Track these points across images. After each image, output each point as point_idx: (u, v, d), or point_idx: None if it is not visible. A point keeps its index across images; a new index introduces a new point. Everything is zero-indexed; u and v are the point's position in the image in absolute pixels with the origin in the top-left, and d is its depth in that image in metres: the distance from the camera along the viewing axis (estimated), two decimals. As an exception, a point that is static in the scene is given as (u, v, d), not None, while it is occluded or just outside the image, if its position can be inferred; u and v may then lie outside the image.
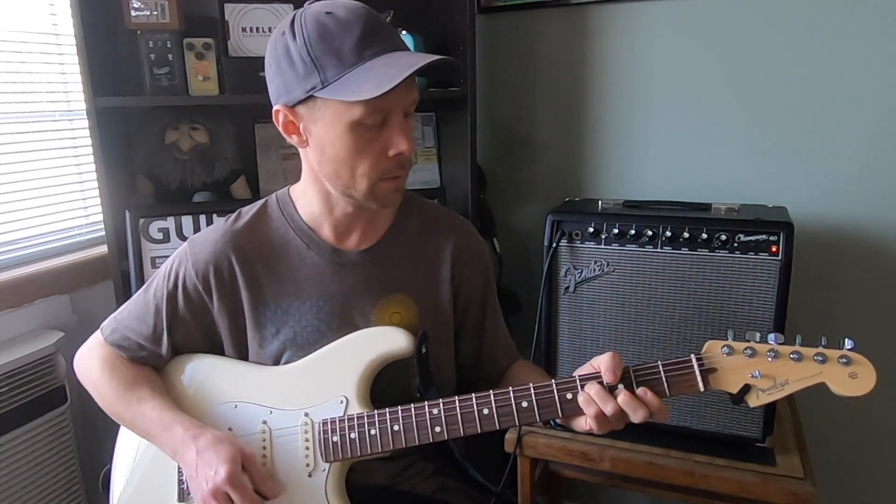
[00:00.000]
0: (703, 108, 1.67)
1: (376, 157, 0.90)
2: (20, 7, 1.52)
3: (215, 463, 0.89)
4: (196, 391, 1.03)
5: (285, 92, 0.90)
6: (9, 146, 1.52)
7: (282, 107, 0.92)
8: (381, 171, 0.91)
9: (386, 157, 0.90)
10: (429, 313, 1.05)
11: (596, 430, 0.86)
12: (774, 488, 1.23)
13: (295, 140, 0.95)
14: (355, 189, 0.93)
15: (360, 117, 0.87)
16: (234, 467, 0.89)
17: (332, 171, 0.93)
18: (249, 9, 1.51)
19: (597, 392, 0.85)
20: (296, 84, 0.88)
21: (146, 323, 1.03)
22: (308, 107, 0.89)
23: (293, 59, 0.87)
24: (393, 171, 0.92)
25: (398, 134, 0.89)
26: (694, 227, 1.28)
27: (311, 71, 0.86)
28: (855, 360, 0.80)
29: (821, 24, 1.53)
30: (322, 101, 0.88)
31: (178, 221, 1.52)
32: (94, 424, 1.60)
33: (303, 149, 0.96)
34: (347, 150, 0.89)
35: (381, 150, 0.90)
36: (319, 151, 0.93)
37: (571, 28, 1.75)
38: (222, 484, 0.88)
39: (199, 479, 0.91)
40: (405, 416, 0.92)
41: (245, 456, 0.92)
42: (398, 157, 0.91)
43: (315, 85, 0.86)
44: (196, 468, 0.91)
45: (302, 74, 0.87)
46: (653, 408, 0.83)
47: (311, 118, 0.90)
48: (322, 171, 0.95)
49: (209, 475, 0.89)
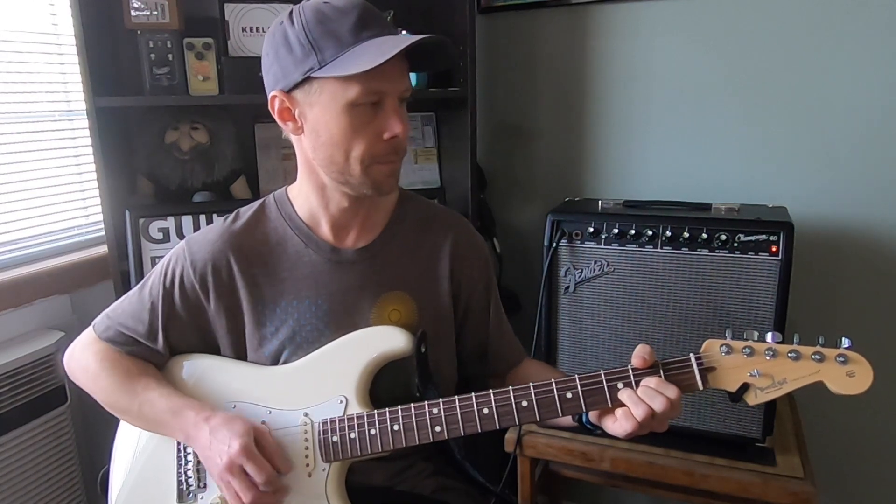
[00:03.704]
0: (703, 108, 1.67)
1: (371, 139, 0.91)
2: (20, 7, 1.53)
3: (228, 438, 0.90)
4: (195, 391, 1.02)
5: (283, 77, 0.92)
6: (9, 146, 1.52)
7: (278, 92, 0.93)
8: (376, 154, 0.92)
9: (381, 140, 0.91)
10: (428, 311, 1.05)
11: (629, 427, 0.85)
12: (774, 488, 1.23)
13: (290, 127, 0.96)
14: (350, 174, 0.94)
15: (356, 97, 0.88)
16: (248, 440, 0.90)
17: (326, 157, 0.94)
18: (249, 9, 1.52)
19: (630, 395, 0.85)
20: (293, 68, 0.90)
21: (141, 321, 1.03)
22: (304, 90, 0.91)
23: (291, 44, 0.90)
24: (387, 154, 0.93)
25: (393, 117, 0.91)
26: (694, 227, 1.28)
27: (308, 53, 0.88)
28: (852, 359, 0.80)
29: (821, 25, 1.53)
30: (319, 84, 0.90)
31: (178, 221, 1.52)
32: (93, 424, 1.60)
33: (297, 136, 0.97)
34: (342, 132, 0.91)
35: (376, 133, 0.91)
36: (315, 136, 0.93)
37: (571, 28, 1.75)
38: (236, 457, 0.89)
39: (213, 456, 0.91)
40: (405, 415, 0.92)
41: (257, 430, 0.92)
42: (392, 141, 0.92)
43: (312, 66, 0.88)
44: (210, 446, 0.92)
45: (300, 57, 0.89)
46: (672, 394, 0.83)
47: (307, 102, 0.92)
48: (317, 157, 0.95)
49: (223, 451, 0.90)
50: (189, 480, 1.00)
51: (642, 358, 0.86)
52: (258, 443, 0.91)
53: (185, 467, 1.00)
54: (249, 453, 0.89)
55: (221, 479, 0.91)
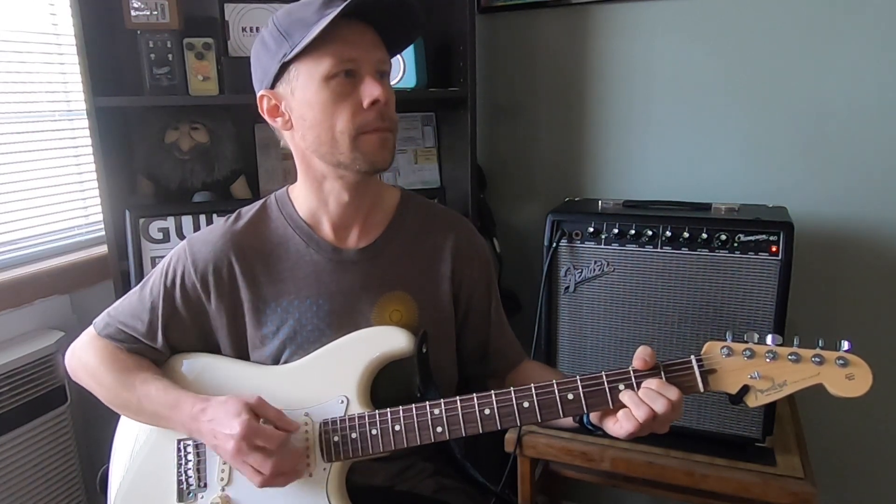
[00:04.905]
0: (703, 108, 1.67)
1: (353, 109, 0.92)
2: (20, 7, 1.52)
3: (228, 421, 0.90)
4: (195, 391, 1.01)
5: (264, 75, 0.95)
6: (9, 146, 1.52)
7: (265, 91, 0.96)
8: (360, 122, 0.92)
9: (362, 109, 0.92)
10: (428, 311, 1.05)
11: (630, 428, 0.85)
12: (774, 488, 1.23)
13: (279, 123, 0.97)
14: (339, 151, 0.93)
15: (329, 68, 0.90)
16: (247, 417, 0.89)
17: (315, 138, 0.94)
18: (249, 9, 1.52)
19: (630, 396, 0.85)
20: (270, 62, 0.93)
21: (141, 320, 1.03)
22: (284, 80, 0.94)
23: (266, 42, 0.94)
24: (372, 122, 0.93)
25: (370, 83, 0.91)
26: (694, 227, 1.28)
27: (281, 43, 0.92)
28: (852, 362, 0.80)
29: (820, 25, 1.53)
30: (294, 68, 0.92)
31: (178, 221, 1.52)
32: (93, 424, 1.60)
33: (289, 132, 0.98)
34: (323, 107, 0.92)
35: (356, 103, 0.92)
36: (301, 122, 0.94)
37: (571, 28, 1.75)
38: (242, 436, 0.88)
39: (221, 444, 0.91)
40: (406, 416, 0.92)
41: (251, 404, 0.92)
42: (375, 107, 0.92)
43: (285, 52, 0.91)
44: (215, 435, 0.91)
45: (274, 50, 0.92)
46: (673, 395, 0.83)
47: (288, 91, 0.94)
48: (307, 143, 0.96)
49: (227, 435, 0.89)
50: (189, 480, 1.00)
51: (643, 360, 0.86)
52: (258, 414, 0.91)
53: (185, 466, 1.00)
54: (252, 428, 0.89)
55: (235, 461, 0.91)
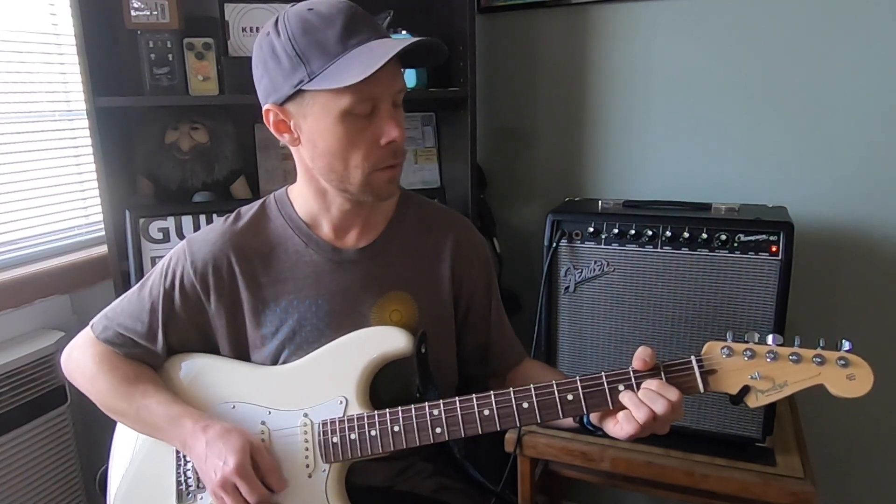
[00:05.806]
0: (703, 107, 1.67)
1: (368, 146, 0.91)
2: (20, 7, 1.52)
3: (224, 453, 0.90)
4: (194, 391, 1.02)
5: (273, 91, 0.91)
6: (9, 146, 1.52)
7: (272, 106, 0.93)
8: (375, 160, 0.92)
9: (378, 147, 0.91)
10: (428, 311, 1.05)
11: (630, 430, 0.85)
12: (774, 488, 1.23)
13: (286, 139, 0.96)
14: (350, 182, 0.93)
15: (349, 106, 0.87)
16: (243, 458, 0.89)
17: (325, 166, 0.93)
18: (249, 9, 1.51)
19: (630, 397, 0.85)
20: (283, 81, 0.89)
21: (141, 321, 1.03)
22: (297, 103, 0.90)
23: (279, 56, 0.88)
24: (386, 160, 0.92)
25: (388, 122, 0.90)
26: (694, 227, 1.28)
27: (297, 65, 0.87)
28: (853, 362, 0.80)
29: (821, 24, 1.53)
30: (311, 95, 0.89)
31: (178, 221, 1.52)
32: (93, 424, 1.60)
33: (295, 147, 0.97)
34: (339, 142, 0.90)
35: (373, 140, 0.90)
36: (312, 147, 0.93)
37: (571, 28, 1.75)
38: (230, 475, 0.89)
39: (208, 470, 0.91)
40: (405, 416, 0.92)
41: (254, 447, 0.92)
42: (391, 146, 0.91)
43: (302, 78, 0.87)
44: (206, 459, 0.91)
45: (288, 70, 0.88)
46: (673, 396, 0.83)
47: (300, 114, 0.91)
48: (316, 167, 0.95)
49: (218, 466, 0.89)
50: (188, 481, 1.00)
51: (643, 360, 0.85)
52: (254, 459, 0.91)
53: (185, 468, 1.00)
54: (243, 473, 0.89)
55: (214, 494, 0.92)
